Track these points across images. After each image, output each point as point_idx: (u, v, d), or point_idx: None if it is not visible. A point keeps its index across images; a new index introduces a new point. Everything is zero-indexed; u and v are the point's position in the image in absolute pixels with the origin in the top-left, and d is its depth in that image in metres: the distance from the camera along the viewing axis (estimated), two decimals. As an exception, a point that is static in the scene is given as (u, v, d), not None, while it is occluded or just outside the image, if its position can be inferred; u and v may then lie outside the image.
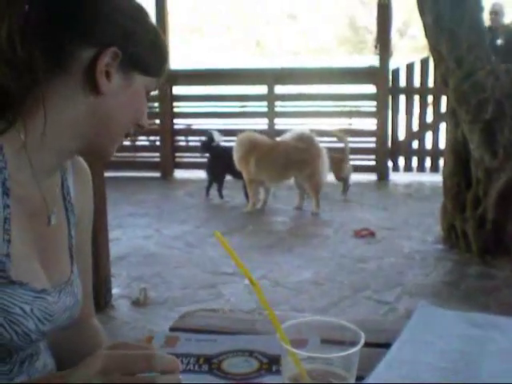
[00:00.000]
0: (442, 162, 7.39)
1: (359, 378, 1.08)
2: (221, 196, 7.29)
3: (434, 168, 8.16)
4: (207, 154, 7.54)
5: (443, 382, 1.10)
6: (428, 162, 8.37)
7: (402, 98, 8.26)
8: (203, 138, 7.69)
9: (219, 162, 7.16)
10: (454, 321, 1.31)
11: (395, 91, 8.20)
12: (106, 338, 1.47)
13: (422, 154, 8.36)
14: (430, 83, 8.11)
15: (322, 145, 6.81)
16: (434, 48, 5.36)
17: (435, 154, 8.10)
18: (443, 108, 7.77)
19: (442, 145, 7.77)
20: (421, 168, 8.36)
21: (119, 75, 1.15)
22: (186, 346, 1.26)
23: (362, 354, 1.02)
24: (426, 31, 5.40)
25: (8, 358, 1.16)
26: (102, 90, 1.13)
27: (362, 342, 0.94)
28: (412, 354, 1.18)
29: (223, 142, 7.49)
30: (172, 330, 1.40)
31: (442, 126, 7.65)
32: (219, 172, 7.24)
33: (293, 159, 6.56)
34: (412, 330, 1.27)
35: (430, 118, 8.28)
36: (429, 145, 8.32)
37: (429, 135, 8.31)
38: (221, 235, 0.96)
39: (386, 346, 1.22)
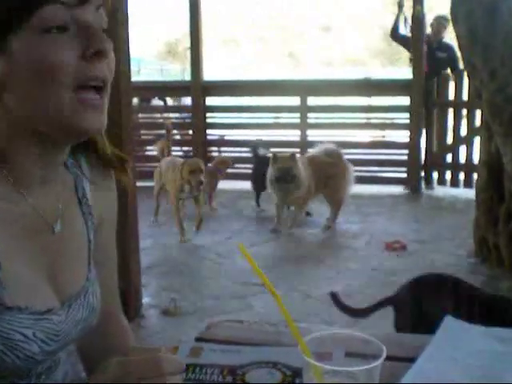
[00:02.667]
0: (475, 176, 7.37)
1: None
2: (258, 205, 7.35)
3: (468, 182, 8.06)
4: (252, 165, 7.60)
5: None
6: (462, 176, 8.29)
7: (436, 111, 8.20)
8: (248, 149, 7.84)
9: (262, 171, 6.87)
10: (480, 336, 1.30)
11: (430, 104, 8.15)
12: (133, 335, 1.46)
13: (455, 167, 8.27)
14: (464, 96, 8.04)
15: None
16: (467, 61, 5.32)
17: (469, 167, 8.01)
18: (477, 121, 7.73)
19: (475, 159, 7.70)
20: (455, 182, 8.26)
21: None
22: (211, 356, 1.26)
23: (386, 368, 1.02)
24: (459, 44, 5.37)
25: (24, 374, 1.13)
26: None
27: (384, 355, 0.94)
28: (436, 369, 1.18)
29: (265, 152, 7.41)
30: (197, 340, 1.40)
31: (476, 140, 7.59)
32: (260, 182, 7.02)
33: (322, 175, 6.54)
34: (437, 345, 1.26)
35: (464, 132, 8.21)
36: (462, 158, 8.23)
37: (463, 149, 8.23)
38: (244, 248, 0.96)
39: (411, 360, 1.22)
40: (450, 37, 7.72)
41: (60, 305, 1.15)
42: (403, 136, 8.44)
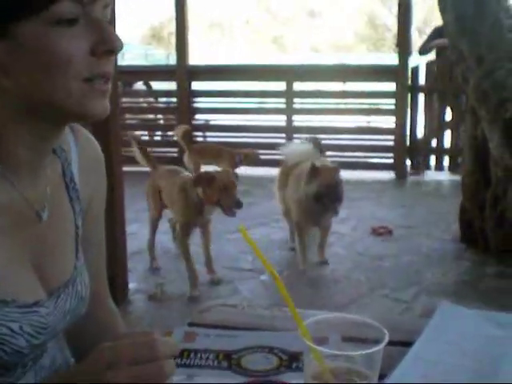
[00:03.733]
0: (460, 160, 7.41)
1: (381, 377, 1.07)
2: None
3: (453, 167, 8.10)
4: None
5: (465, 381, 1.09)
6: (446, 161, 8.33)
7: (422, 97, 8.21)
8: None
9: None
10: (476, 320, 1.30)
11: (415, 89, 8.16)
12: (121, 320, 1.45)
13: (440, 152, 8.32)
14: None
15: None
16: (454, 46, 5.32)
17: (454, 152, 8.05)
18: (462, 107, 7.75)
19: (460, 143, 7.74)
20: (439, 167, 8.31)
21: (2, 44, 0.97)
22: (205, 341, 1.25)
23: (383, 352, 1.02)
24: (446, 30, 5.37)
25: (11, 367, 1.11)
26: None
27: (386, 339, 0.93)
28: (434, 354, 1.17)
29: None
30: (190, 325, 1.39)
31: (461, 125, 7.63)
32: None
33: None
34: (434, 329, 1.26)
35: (449, 117, 8.24)
36: (447, 143, 8.27)
37: (447, 134, 8.26)
38: (245, 230, 0.95)
39: (407, 344, 1.21)
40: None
41: (47, 296, 1.13)
42: (388, 122, 8.44)
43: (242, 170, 7.93)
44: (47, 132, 1.08)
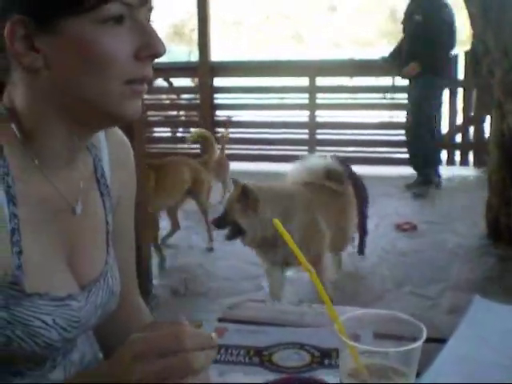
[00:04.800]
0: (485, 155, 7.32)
1: (416, 375, 1.05)
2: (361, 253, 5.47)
3: (478, 162, 8.02)
4: None
5: (501, 378, 1.07)
6: (471, 156, 8.24)
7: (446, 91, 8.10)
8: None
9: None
10: (510, 315, 1.28)
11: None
12: (150, 316, 1.45)
13: (465, 147, 8.22)
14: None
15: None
16: (479, 39, 5.27)
17: (478, 147, 7.96)
18: (487, 101, 7.66)
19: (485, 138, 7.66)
20: (464, 162, 8.22)
21: (45, 35, 0.98)
22: (236, 337, 1.25)
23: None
24: (471, 22, 5.31)
25: (41, 361, 1.12)
26: (39, 66, 1.00)
27: (424, 336, 0.91)
28: (469, 350, 1.15)
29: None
30: (220, 320, 1.38)
31: (486, 120, 7.54)
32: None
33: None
34: (468, 325, 1.24)
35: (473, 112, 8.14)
36: (471, 138, 8.18)
37: (472, 129, 8.17)
38: (280, 223, 0.93)
39: (440, 341, 1.19)
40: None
41: (80, 290, 1.14)
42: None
43: (267, 167, 7.94)
44: (81, 129, 1.09)
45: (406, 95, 8.36)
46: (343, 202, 4.33)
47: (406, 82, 7.76)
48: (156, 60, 1.04)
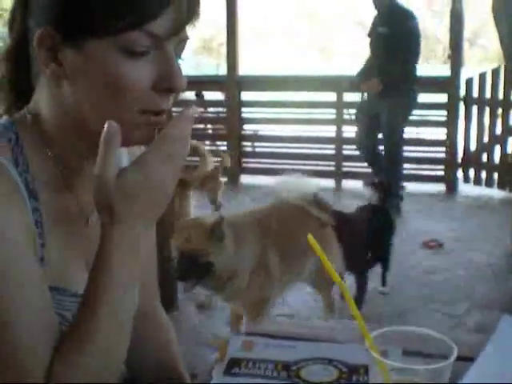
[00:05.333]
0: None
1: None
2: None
3: (502, 183, 7.85)
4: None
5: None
6: (496, 177, 8.08)
7: (475, 109, 8.05)
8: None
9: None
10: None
11: (469, 101, 8.01)
12: (170, 323, 1.46)
13: (490, 167, 8.04)
14: (501, 94, 7.88)
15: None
16: (509, 57, 5.25)
17: (501, 168, 7.84)
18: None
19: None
20: (489, 182, 8.05)
21: (70, 50, 1.00)
22: (264, 351, 1.25)
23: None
24: (501, 40, 5.30)
25: None
26: (60, 77, 1.02)
27: (455, 354, 0.91)
28: (497, 369, 1.15)
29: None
30: (248, 334, 1.38)
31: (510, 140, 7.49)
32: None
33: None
34: (496, 344, 1.23)
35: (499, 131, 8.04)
36: (497, 159, 7.99)
37: (497, 149, 8.02)
38: (313, 239, 0.94)
39: (467, 359, 1.19)
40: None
41: None
42: (437, 133, 8.33)
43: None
44: (97, 142, 1.07)
45: (435, 112, 8.37)
46: (325, 235, 3.75)
47: (433, 99, 7.74)
48: (186, 73, 1.05)
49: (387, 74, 6.45)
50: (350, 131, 8.50)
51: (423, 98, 8.53)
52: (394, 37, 6.39)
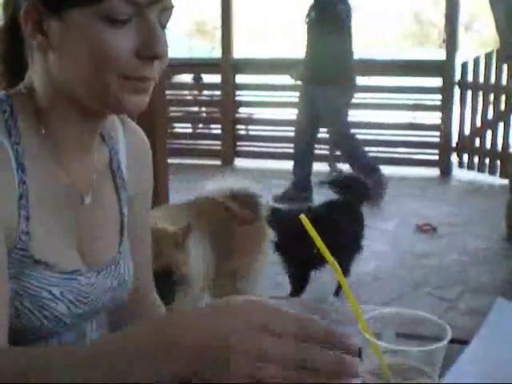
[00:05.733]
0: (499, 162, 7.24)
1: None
2: None
3: (492, 169, 7.80)
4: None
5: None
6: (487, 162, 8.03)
7: (469, 93, 8.02)
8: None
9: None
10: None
11: (464, 85, 7.99)
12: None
13: (482, 153, 8.01)
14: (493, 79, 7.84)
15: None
16: (504, 42, 5.23)
17: (492, 154, 7.80)
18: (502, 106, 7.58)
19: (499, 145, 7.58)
20: (481, 167, 8.01)
21: (55, 21, 1.02)
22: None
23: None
24: (496, 25, 5.27)
25: (44, 342, 1.12)
26: (46, 48, 1.04)
27: (449, 336, 0.90)
28: (491, 352, 1.15)
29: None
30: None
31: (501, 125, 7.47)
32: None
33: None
34: (490, 327, 1.23)
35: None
36: (488, 144, 7.95)
37: (489, 134, 7.98)
38: (306, 220, 0.93)
39: (461, 342, 1.19)
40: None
41: (87, 269, 1.15)
42: (431, 118, 8.32)
43: (285, 164, 7.92)
44: (89, 115, 1.11)
45: (430, 96, 8.35)
46: (252, 233, 3.44)
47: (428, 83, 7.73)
48: (179, 55, 1.04)
49: (320, 60, 6.29)
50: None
51: (418, 81, 8.55)
52: (325, 22, 6.20)
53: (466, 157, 8.08)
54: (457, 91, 7.99)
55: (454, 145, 8.11)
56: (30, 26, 1.03)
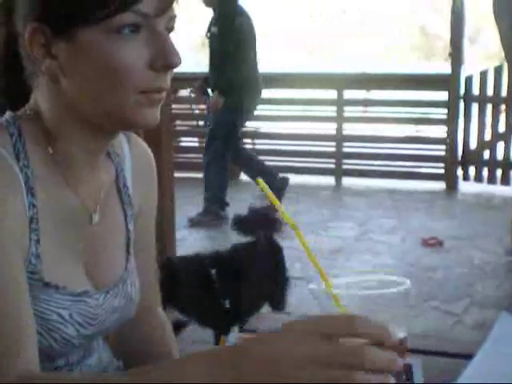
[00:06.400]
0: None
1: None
2: None
3: (505, 179, 7.90)
4: None
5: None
6: (499, 173, 8.10)
7: (475, 107, 8.04)
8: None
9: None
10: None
11: (468, 99, 8.01)
12: (171, 328, 1.45)
13: (493, 164, 8.07)
14: (504, 92, 7.90)
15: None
16: (509, 56, 5.24)
17: (506, 164, 7.86)
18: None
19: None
20: (491, 179, 8.06)
21: (61, 43, 1.00)
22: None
23: (443, 364, 0.99)
24: (501, 38, 5.28)
25: (57, 358, 1.13)
26: (56, 72, 1.02)
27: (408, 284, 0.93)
28: (495, 366, 1.15)
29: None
30: (243, 331, 1.38)
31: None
32: None
33: None
34: (494, 341, 1.23)
35: (502, 128, 8.04)
36: (500, 155, 8.03)
37: (500, 145, 8.04)
38: (263, 183, 0.94)
39: (466, 357, 1.19)
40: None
41: (95, 290, 1.15)
42: (437, 131, 8.32)
43: (293, 179, 7.95)
44: (99, 135, 1.10)
45: (435, 110, 8.37)
46: None
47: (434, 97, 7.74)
48: (185, 70, 1.05)
49: (222, 72, 6.13)
50: (350, 129, 8.52)
51: (423, 95, 8.57)
52: (226, 35, 6.07)
53: (472, 169, 8.09)
54: (462, 104, 8.00)
55: (459, 158, 8.11)
56: (36, 50, 1.02)
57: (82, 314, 1.10)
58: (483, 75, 7.92)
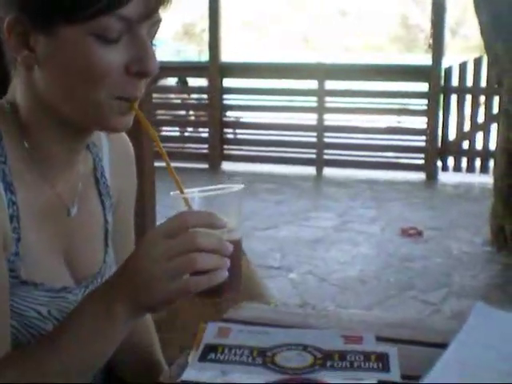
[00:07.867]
0: (491, 163, 7.33)
1: (415, 378, 1.07)
2: None
3: (484, 169, 8.02)
4: None
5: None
6: (478, 163, 8.21)
7: (454, 98, 8.11)
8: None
9: None
10: (512, 323, 1.29)
11: (448, 90, 8.07)
12: (152, 321, 1.46)
13: (472, 154, 8.19)
14: (483, 83, 7.98)
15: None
16: (489, 48, 5.27)
17: (485, 154, 7.96)
18: (495, 109, 7.68)
19: (492, 146, 7.65)
20: (470, 169, 8.20)
21: (40, 36, 0.98)
22: (239, 337, 1.25)
23: (418, 353, 1.01)
24: (481, 30, 5.32)
25: None
26: (32, 64, 1.00)
27: (241, 188, 1.07)
28: (470, 356, 1.16)
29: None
30: (224, 320, 1.39)
31: (493, 127, 7.53)
32: None
33: None
34: (469, 331, 1.25)
35: (481, 119, 8.13)
36: (479, 145, 8.15)
37: (479, 136, 8.14)
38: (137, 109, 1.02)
39: (442, 346, 1.20)
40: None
41: (75, 285, 1.15)
42: (418, 122, 8.37)
43: (271, 168, 7.98)
44: (74, 131, 1.08)
45: (416, 101, 8.41)
46: None
47: (414, 88, 7.76)
48: (167, 59, 1.03)
49: None
50: (331, 119, 8.54)
51: (404, 86, 8.60)
52: None
53: (451, 160, 8.17)
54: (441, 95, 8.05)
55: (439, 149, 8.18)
56: (13, 39, 0.99)
57: (62, 311, 1.09)
58: (463, 67, 7.98)
